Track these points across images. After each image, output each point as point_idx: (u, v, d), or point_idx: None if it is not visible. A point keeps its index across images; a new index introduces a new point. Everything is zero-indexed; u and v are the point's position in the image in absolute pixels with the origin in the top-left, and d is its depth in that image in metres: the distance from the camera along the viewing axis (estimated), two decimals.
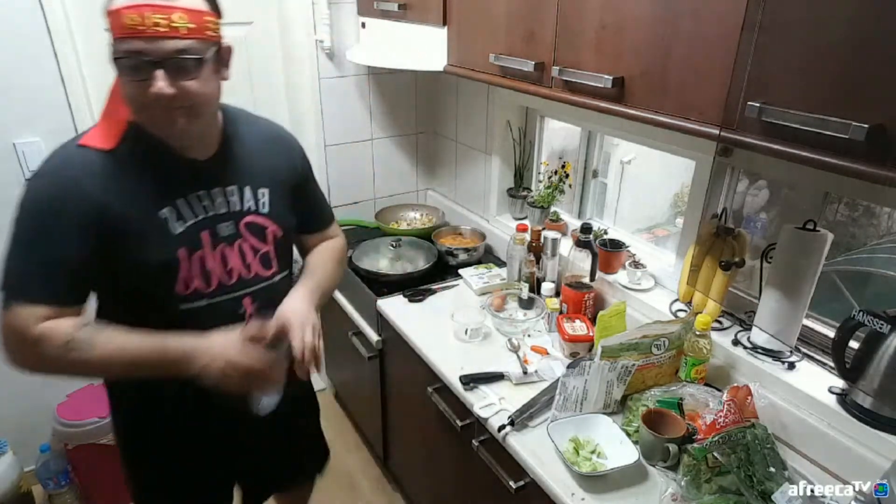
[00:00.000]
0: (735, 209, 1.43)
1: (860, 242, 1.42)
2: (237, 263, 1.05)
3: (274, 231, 1.10)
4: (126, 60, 0.86)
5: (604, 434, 1.20)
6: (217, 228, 1.02)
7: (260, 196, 1.08)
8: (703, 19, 0.94)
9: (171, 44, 0.86)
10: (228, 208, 1.04)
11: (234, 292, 1.06)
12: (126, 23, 0.83)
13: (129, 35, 0.84)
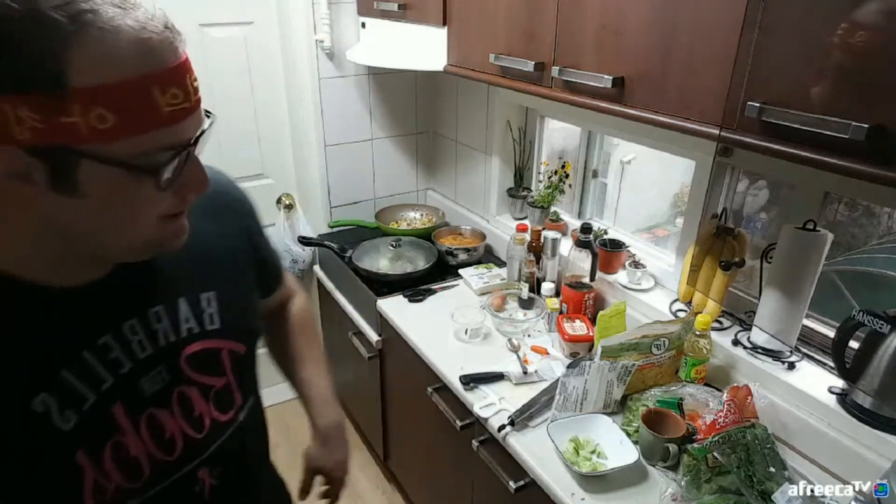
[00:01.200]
0: (735, 209, 1.43)
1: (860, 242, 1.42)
2: (178, 426, 0.66)
3: (231, 350, 0.72)
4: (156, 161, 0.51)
5: (604, 434, 1.20)
6: (138, 387, 0.62)
7: (204, 306, 0.69)
8: (703, 19, 0.94)
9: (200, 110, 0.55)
10: (154, 346, 0.64)
11: (182, 468, 0.67)
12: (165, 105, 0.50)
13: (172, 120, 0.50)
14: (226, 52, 2.03)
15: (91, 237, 0.55)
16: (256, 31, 2.06)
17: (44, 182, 0.48)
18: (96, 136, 0.46)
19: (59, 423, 0.55)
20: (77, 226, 0.53)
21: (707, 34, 0.94)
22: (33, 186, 0.48)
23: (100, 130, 0.46)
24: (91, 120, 0.46)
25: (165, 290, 0.66)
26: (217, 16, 1.98)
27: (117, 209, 0.53)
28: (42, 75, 0.44)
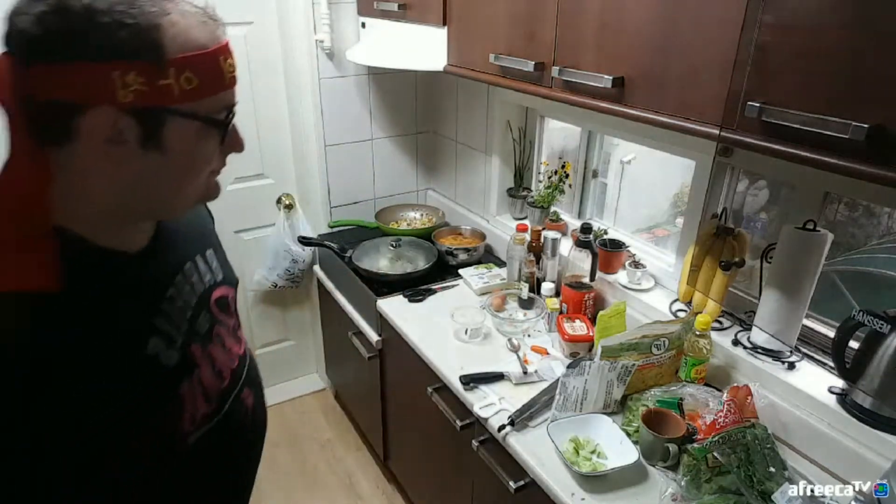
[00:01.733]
0: (735, 209, 1.43)
1: (860, 242, 1.42)
2: (222, 358, 0.78)
3: (233, 296, 0.86)
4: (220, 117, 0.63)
5: (604, 434, 1.20)
6: (198, 328, 0.74)
7: (210, 261, 0.81)
8: (703, 19, 0.94)
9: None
10: (195, 295, 0.75)
11: (231, 394, 0.80)
12: (227, 71, 0.62)
13: (231, 84, 0.63)
14: None
15: (160, 191, 0.64)
16: (256, 31, 2.06)
17: (134, 140, 0.57)
18: (185, 96, 0.58)
19: (167, 361, 0.67)
20: (153, 180, 0.62)
21: (707, 34, 0.94)
22: (124, 147, 0.57)
23: (187, 91, 0.58)
24: (182, 83, 0.57)
25: (187, 250, 0.77)
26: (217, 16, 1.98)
27: (189, 162, 0.63)
28: (146, 46, 0.55)
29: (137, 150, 0.58)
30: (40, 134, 0.56)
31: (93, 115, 0.54)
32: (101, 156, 0.58)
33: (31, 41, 0.52)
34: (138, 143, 0.58)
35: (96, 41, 0.53)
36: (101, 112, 0.54)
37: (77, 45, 0.52)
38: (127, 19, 0.54)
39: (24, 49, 0.53)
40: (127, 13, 0.54)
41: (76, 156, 0.58)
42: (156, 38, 0.55)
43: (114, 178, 0.60)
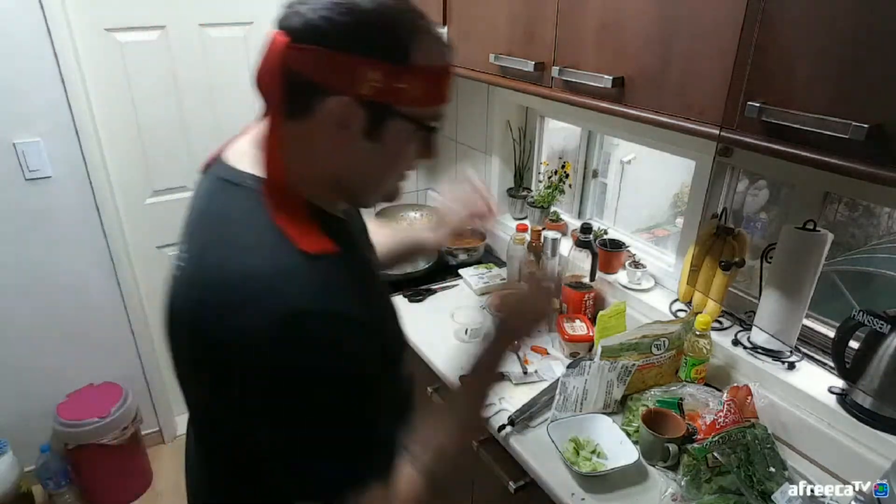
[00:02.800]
0: (735, 209, 1.43)
1: (860, 242, 1.42)
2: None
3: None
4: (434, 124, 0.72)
5: (604, 434, 1.20)
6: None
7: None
8: (703, 19, 0.94)
9: None
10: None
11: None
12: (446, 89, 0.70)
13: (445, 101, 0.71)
14: (226, 52, 2.03)
15: (366, 177, 0.72)
16: (256, 31, 2.06)
17: (359, 129, 0.65)
18: (412, 101, 0.66)
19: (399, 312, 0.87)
20: (363, 166, 0.70)
21: (707, 34, 0.94)
22: (348, 132, 0.65)
23: (415, 97, 0.65)
24: (414, 89, 0.65)
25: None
26: (217, 16, 1.98)
27: (396, 158, 0.71)
28: (397, 50, 0.62)
29: (359, 137, 0.65)
30: (286, 107, 0.64)
31: (334, 100, 0.62)
32: (329, 136, 0.65)
33: (312, 26, 0.60)
34: (362, 131, 0.65)
35: (363, 38, 0.61)
36: (341, 99, 0.62)
37: (347, 38, 0.60)
38: (392, 25, 0.62)
39: (302, 32, 0.60)
40: (395, 20, 0.63)
41: (308, 131, 0.65)
42: (407, 47, 0.63)
43: (333, 157, 0.67)
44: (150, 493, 2.21)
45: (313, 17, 0.60)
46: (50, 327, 2.00)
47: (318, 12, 0.60)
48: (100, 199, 1.94)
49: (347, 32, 0.60)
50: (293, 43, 0.61)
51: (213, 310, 0.61)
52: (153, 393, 2.30)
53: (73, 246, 1.96)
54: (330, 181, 0.70)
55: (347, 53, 0.61)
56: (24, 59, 1.69)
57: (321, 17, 0.60)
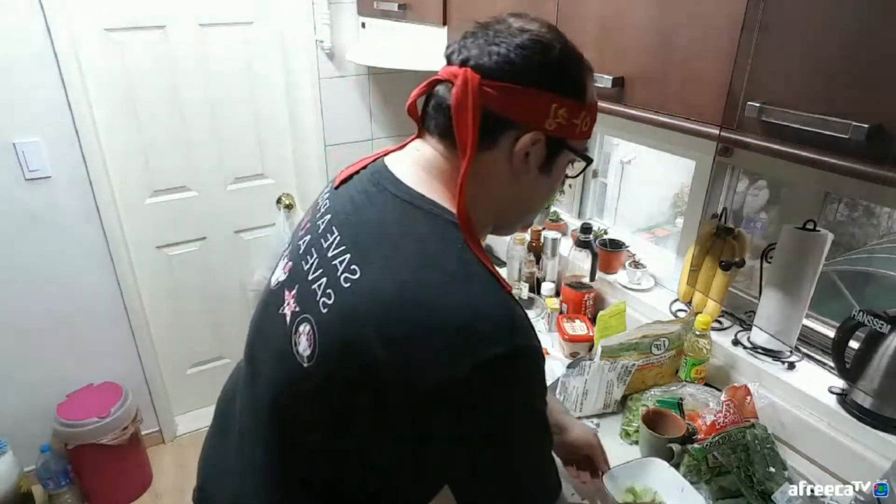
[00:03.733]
0: (735, 209, 1.43)
1: (860, 242, 1.42)
2: None
3: None
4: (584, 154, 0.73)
5: (663, 481, 1.08)
6: None
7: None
8: (703, 19, 0.94)
9: None
10: None
11: None
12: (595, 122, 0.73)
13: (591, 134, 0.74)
14: (226, 52, 2.03)
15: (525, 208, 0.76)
16: (256, 31, 2.06)
17: (535, 163, 0.68)
18: (581, 135, 0.70)
19: None
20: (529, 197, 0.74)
21: (707, 34, 0.94)
22: (527, 166, 0.68)
23: (584, 131, 0.69)
24: (584, 124, 0.69)
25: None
26: (217, 16, 1.98)
27: (553, 187, 0.74)
28: (580, 89, 0.67)
29: (535, 169, 0.69)
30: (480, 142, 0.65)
31: (528, 135, 0.65)
32: (509, 168, 0.68)
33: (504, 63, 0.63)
34: (538, 166, 0.69)
35: (553, 76, 0.65)
36: (534, 135, 0.65)
37: (539, 75, 0.64)
38: (574, 64, 0.67)
39: (494, 69, 0.63)
40: (575, 58, 0.67)
41: (492, 163, 0.67)
42: (585, 84, 0.67)
43: (506, 189, 0.70)
44: (150, 493, 2.21)
45: (505, 54, 0.63)
46: (50, 327, 2.00)
47: (510, 50, 0.63)
48: (100, 199, 1.94)
49: (538, 70, 0.64)
50: (486, 80, 0.63)
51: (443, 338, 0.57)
52: (153, 393, 2.30)
53: (73, 246, 1.96)
54: (495, 211, 0.72)
55: (539, 90, 0.64)
56: (24, 59, 1.69)
57: (514, 54, 0.63)
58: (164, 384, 2.34)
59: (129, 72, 1.91)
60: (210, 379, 2.49)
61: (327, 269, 0.66)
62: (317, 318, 0.64)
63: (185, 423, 2.48)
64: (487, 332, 0.57)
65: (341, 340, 0.62)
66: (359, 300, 0.61)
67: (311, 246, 0.72)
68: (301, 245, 0.75)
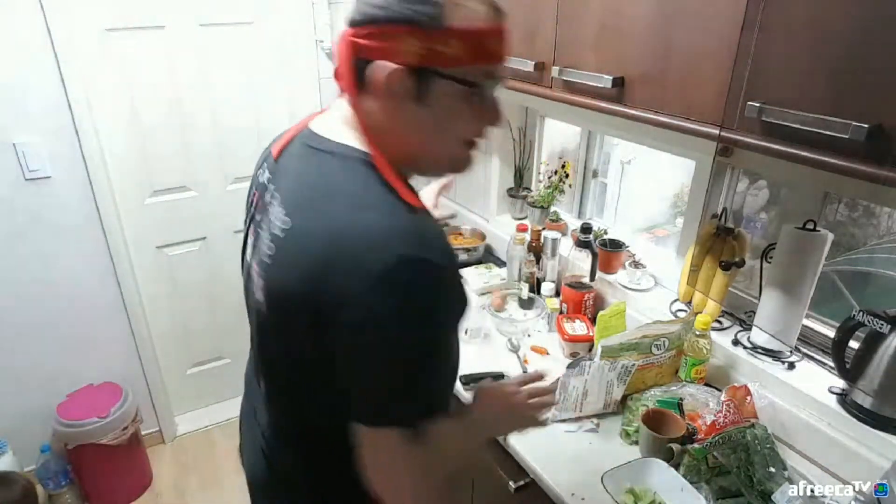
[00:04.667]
0: (735, 209, 1.43)
1: (860, 242, 1.42)
2: None
3: None
4: (489, 85, 0.73)
5: (662, 482, 1.07)
6: None
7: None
8: (703, 19, 0.94)
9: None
10: None
11: None
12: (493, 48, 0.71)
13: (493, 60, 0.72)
14: (226, 52, 2.03)
15: (425, 144, 0.75)
16: (256, 31, 2.06)
17: (408, 94, 0.70)
18: (455, 62, 0.69)
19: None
20: (416, 131, 0.73)
21: (707, 34, 0.94)
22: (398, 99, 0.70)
23: (457, 57, 0.68)
24: (455, 50, 0.68)
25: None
26: (217, 16, 1.98)
27: (446, 119, 0.73)
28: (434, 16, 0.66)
29: (410, 102, 0.70)
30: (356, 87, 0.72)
31: (377, 67, 0.68)
32: (388, 105, 0.71)
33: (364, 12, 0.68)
34: (411, 97, 0.70)
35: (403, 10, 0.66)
36: (383, 66, 0.68)
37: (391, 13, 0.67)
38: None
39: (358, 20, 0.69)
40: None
41: (374, 103, 0.72)
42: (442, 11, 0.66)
43: (396, 126, 0.73)
44: (150, 493, 2.21)
45: (367, 2, 0.68)
46: (50, 327, 2.00)
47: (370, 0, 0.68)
48: (100, 199, 1.94)
49: (391, 8, 0.67)
50: (353, 30, 0.69)
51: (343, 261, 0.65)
52: (153, 393, 2.30)
53: (73, 246, 1.96)
54: (402, 150, 0.74)
55: (390, 25, 0.67)
56: (24, 60, 1.69)
57: (372, 3, 0.68)
58: (164, 384, 2.34)
59: (129, 72, 1.91)
60: (210, 379, 2.49)
61: (270, 227, 0.75)
62: (263, 268, 0.75)
63: (185, 423, 2.49)
64: (377, 246, 0.64)
65: (280, 282, 0.72)
66: (289, 244, 0.71)
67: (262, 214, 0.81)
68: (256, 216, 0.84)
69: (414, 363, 0.69)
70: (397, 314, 0.65)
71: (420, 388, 0.72)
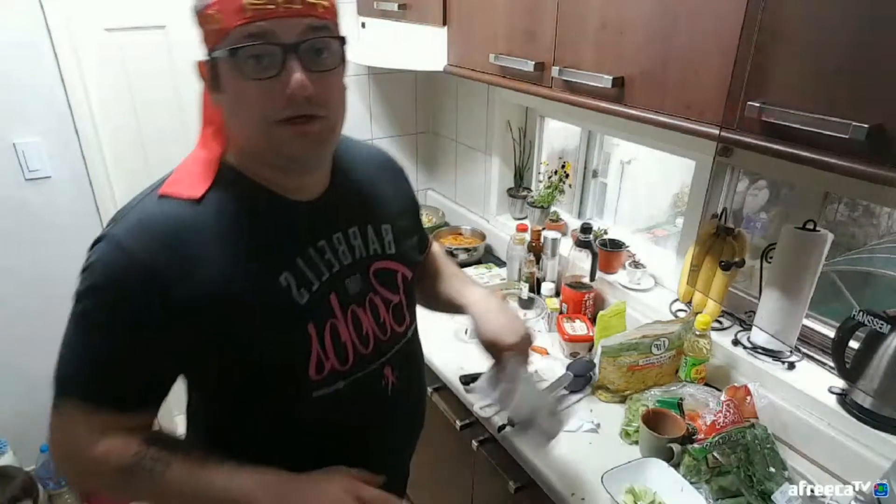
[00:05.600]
0: (735, 209, 1.43)
1: (860, 242, 1.42)
2: (371, 325, 0.83)
3: (403, 274, 0.89)
4: (248, 50, 0.64)
5: (662, 481, 1.07)
6: (345, 286, 0.80)
7: (384, 234, 0.86)
8: (703, 19, 0.94)
9: (307, 22, 0.65)
10: (353, 257, 0.81)
11: (373, 363, 0.84)
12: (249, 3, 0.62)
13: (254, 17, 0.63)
14: None
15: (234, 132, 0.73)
16: None
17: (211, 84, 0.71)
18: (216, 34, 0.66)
19: (297, 298, 0.74)
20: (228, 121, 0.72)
21: (707, 34, 0.94)
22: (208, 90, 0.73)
23: (216, 30, 0.65)
24: (212, 22, 0.65)
25: (358, 217, 0.84)
26: None
27: (235, 102, 0.69)
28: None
29: (215, 93, 0.71)
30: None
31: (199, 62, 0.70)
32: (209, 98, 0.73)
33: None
34: (211, 86, 0.71)
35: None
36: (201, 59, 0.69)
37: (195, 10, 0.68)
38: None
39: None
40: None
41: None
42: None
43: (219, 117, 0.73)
44: None
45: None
46: (50, 327, 1.98)
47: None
48: (100, 199, 1.93)
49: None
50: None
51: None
52: None
53: (73, 246, 1.95)
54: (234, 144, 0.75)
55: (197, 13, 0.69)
56: (24, 59, 1.69)
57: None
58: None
59: (130, 72, 1.91)
60: None
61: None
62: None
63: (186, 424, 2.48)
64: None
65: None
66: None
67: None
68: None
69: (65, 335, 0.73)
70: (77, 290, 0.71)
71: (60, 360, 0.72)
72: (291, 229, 0.76)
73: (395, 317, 0.87)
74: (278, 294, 0.73)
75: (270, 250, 0.73)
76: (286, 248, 0.75)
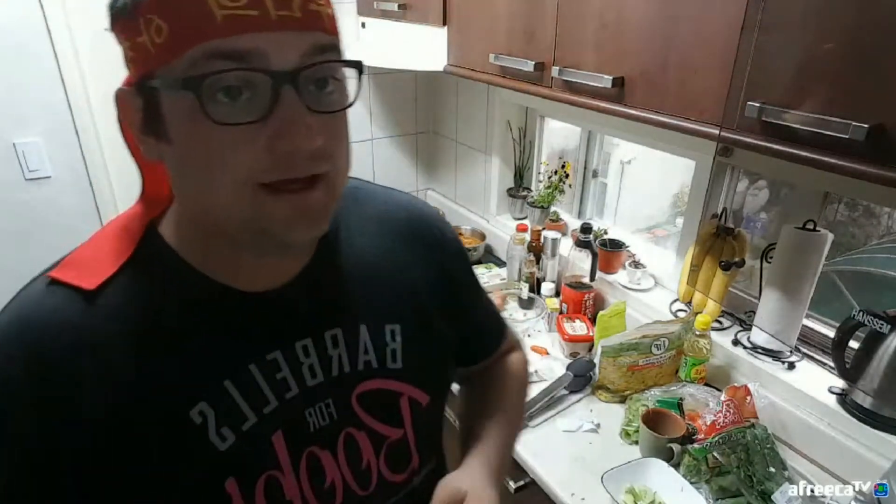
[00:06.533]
0: (735, 209, 1.43)
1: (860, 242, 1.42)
2: (341, 475, 0.57)
3: (413, 398, 0.62)
4: (218, 79, 0.40)
5: (661, 481, 1.07)
6: (303, 419, 0.54)
7: (387, 339, 0.59)
8: (703, 19, 0.94)
9: (312, 39, 0.43)
10: (326, 375, 0.56)
11: None
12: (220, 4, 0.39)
13: (231, 29, 0.40)
14: None
15: (189, 202, 0.48)
16: None
17: (139, 127, 0.45)
18: (159, 53, 0.41)
19: (215, 441, 0.49)
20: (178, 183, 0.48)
21: (707, 34, 0.94)
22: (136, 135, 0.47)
23: (159, 46, 0.41)
24: (152, 34, 0.41)
25: (346, 312, 0.57)
26: None
27: (191, 156, 0.44)
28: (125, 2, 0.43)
29: (149, 139, 0.45)
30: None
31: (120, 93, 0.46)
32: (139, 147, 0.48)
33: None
34: (142, 130, 0.45)
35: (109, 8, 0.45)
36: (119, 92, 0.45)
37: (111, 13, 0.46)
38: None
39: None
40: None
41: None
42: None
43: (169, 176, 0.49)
44: None
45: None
46: None
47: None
48: (100, 199, 1.94)
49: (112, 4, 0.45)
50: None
51: None
52: None
53: (73, 246, 1.96)
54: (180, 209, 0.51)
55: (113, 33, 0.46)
56: (23, 59, 1.69)
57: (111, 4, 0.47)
58: None
59: None
60: None
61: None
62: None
63: None
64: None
65: None
66: None
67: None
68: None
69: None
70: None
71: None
72: (227, 335, 0.51)
73: (393, 461, 0.60)
74: (185, 435, 0.48)
75: (186, 368, 0.49)
76: (212, 364, 0.50)
